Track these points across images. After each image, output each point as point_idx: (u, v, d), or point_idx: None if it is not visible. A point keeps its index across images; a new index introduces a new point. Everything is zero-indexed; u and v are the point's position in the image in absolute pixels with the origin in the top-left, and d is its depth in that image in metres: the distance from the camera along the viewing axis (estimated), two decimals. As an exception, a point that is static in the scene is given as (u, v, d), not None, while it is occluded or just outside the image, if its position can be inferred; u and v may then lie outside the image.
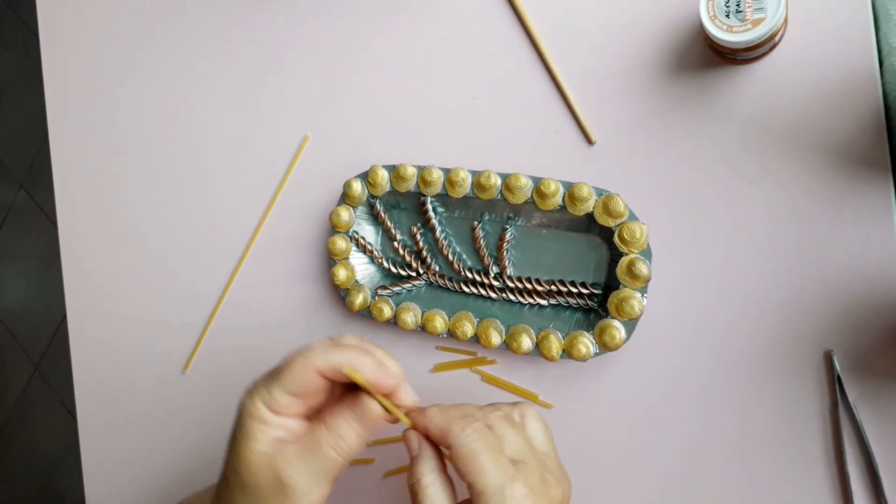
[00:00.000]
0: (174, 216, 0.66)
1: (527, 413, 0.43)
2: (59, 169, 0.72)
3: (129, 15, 0.68)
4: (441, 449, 0.40)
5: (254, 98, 0.62)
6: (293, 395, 0.39)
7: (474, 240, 0.53)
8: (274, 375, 0.40)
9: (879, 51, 0.44)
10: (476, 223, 0.53)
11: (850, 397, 0.44)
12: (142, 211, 0.67)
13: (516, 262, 0.52)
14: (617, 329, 0.46)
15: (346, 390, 0.41)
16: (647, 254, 0.46)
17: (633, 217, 0.46)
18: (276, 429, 0.39)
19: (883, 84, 0.43)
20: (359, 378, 0.38)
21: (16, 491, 1.88)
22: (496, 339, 0.50)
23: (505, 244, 0.52)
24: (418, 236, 0.55)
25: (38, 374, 1.85)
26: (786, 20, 0.45)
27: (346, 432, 0.39)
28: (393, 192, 0.54)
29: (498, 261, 0.52)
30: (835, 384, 0.44)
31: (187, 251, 0.65)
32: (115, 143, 0.69)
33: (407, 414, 0.40)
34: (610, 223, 0.47)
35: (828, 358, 0.44)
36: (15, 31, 1.97)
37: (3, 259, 1.96)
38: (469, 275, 0.53)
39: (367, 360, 0.40)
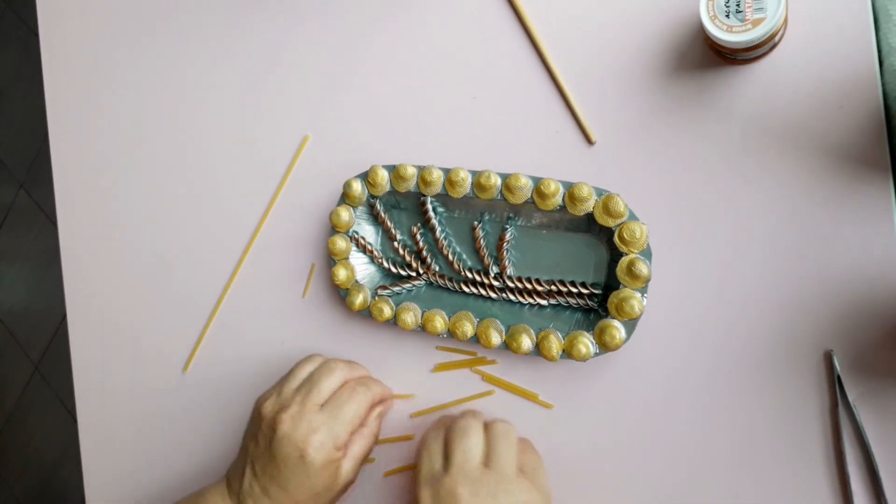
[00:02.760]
0: (174, 216, 0.66)
1: (500, 431, 0.48)
2: (59, 169, 0.72)
3: (128, 15, 0.68)
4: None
5: (254, 98, 0.62)
6: (354, 431, 0.51)
7: (474, 240, 0.53)
8: (336, 416, 0.50)
9: (879, 51, 0.44)
10: (476, 223, 0.53)
11: (850, 397, 0.44)
12: (142, 211, 0.67)
13: (516, 262, 0.52)
14: (617, 329, 0.46)
15: None
16: (647, 254, 0.46)
17: (632, 217, 0.46)
18: (340, 454, 0.50)
19: (883, 84, 0.43)
20: (384, 390, 0.55)
21: (16, 491, 1.88)
22: (496, 339, 0.50)
23: (505, 244, 0.52)
24: (418, 236, 0.55)
25: (38, 374, 1.85)
26: (786, 20, 0.45)
27: (373, 430, 0.53)
28: (393, 192, 0.54)
29: (498, 261, 0.52)
30: (835, 384, 0.44)
31: (187, 251, 0.65)
32: (115, 142, 0.69)
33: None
34: (610, 223, 0.47)
35: (828, 358, 0.44)
36: (15, 31, 1.97)
37: (3, 259, 1.96)
38: (469, 275, 0.53)
39: (383, 385, 0.55)
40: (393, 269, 0.56)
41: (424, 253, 0.55)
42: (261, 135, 0.62)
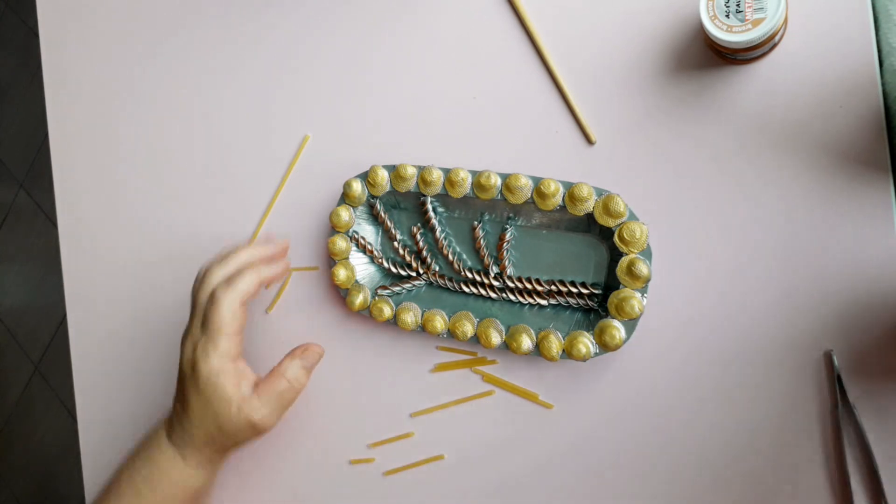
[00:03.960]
0: (174, 216, 0.66)
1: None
2: (59, 169, 0.72)
3: (129, 15, 0.68)
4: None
5: (254, 98, 0.62)
6: (237, 334, 0.49)
7: (474, 240, 0.53)
8: (212, 328, 0.49)
9: (879, 51, 0.44)
10: (476, 223, 0.53)
11: (850, 397, 0.44)
12: (142, 211, 0.67)
13: (516, 262, 0.52)
14: (617, 329, 0.46)
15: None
16: (647, 254, 0.46)
17: (632, 217, 0.46)
18: (245, 378, 0.49)
19: (883, 84, 0.43)
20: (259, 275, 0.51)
21: (16, 491, 1.88)
22: (496, 339, 0.50)
23: (505, 244, 0.52)
24: (418, 236, 0.55)
25: (38, 374, 1.85)
26: (786, 20, 0.45)
27: (299, 374, 0.51)
28: (393, 192, 0.54)
29: (498, 261, 0.52)
30: (835, 384, 0.44)
31: (187, 251, 0.65)
32: (115, 142, 0.69)
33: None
34: (610, 223, 0.47)
35: (828, 358, 0.44)
36: (15, 31, 1.97)
37: (3, 259, 1.96)
38: (469, 275, 0.53)
39: (263, 268, 0.51)
40: (393, 269, 0.56)
41: (424, 253, 0.55)
42: (261, 135, 0.62)
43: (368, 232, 0.57)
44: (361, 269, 0.57)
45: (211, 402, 0.49)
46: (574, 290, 0.50)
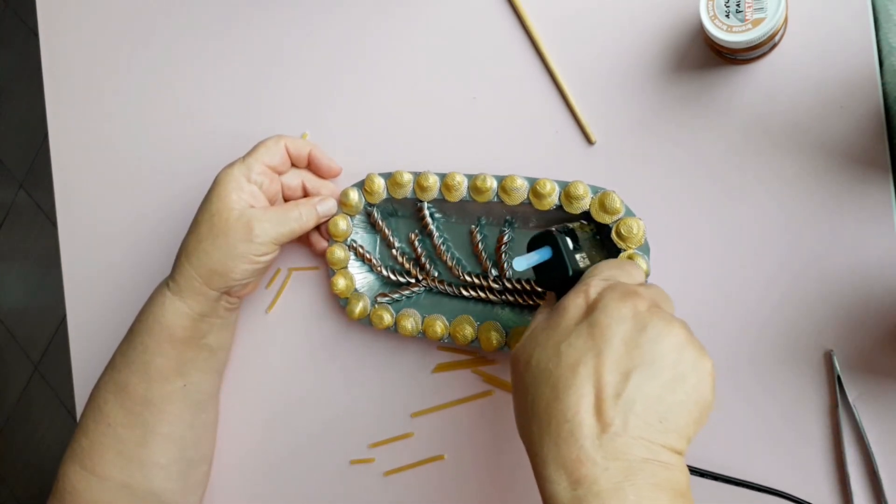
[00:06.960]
0: (174, 216, 0.65)
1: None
2: (59, 169, 0.72)
3: (128, 15, 0.68)
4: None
5: (251, 108, 0.62)
6: (264, 164, 0.52)
7: (472, 244, 0.53)
8: (249, 152, 0.53)
9: (879, 51, 0.44)
10: (474, 227, 0.53)
11: (850, 397, 0.44)
12: (142, 211, 0.67)
13: (515, 264, 0.52)
14: (617, 329, 0.46)
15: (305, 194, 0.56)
16: (645, 249, 0.46)
17: (629, 213, 0.46)
18: (248, 195, 0.51)
19: (883, 84, 0.43)
20: (311, 144, 0.56)
21: (16, 491, 1.88)
22: (497, 340, 0.50)
23: (503, 246, 0.52)
24: (416, 243, 0.54)
25: (38, 374, 1.85)
26: (786, 20, 0.45)
27: (308, 214, 0.53)
28: (390, 199, 0.54)
29: (497, 264, 0.52)
30: (835, 384, 0.44)
31: (187, 251, 0.65)
32: (115, 142, 0.69)
33: None
34: (607, 220, 0.47)
35: (828, 358, 0.44)
36: (15, 31, 1.97)
37: (3, 259, 1.96)
38: (468, 279, 0.53)
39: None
40: (392, 277, 0.55)
41: (423, 259, 0.54)
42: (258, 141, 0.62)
43: (367, 240, 0.57)
44: (360, 277, 0.56)
45: (212, 201, 0.51)
46: (574, 290, 0.49)
